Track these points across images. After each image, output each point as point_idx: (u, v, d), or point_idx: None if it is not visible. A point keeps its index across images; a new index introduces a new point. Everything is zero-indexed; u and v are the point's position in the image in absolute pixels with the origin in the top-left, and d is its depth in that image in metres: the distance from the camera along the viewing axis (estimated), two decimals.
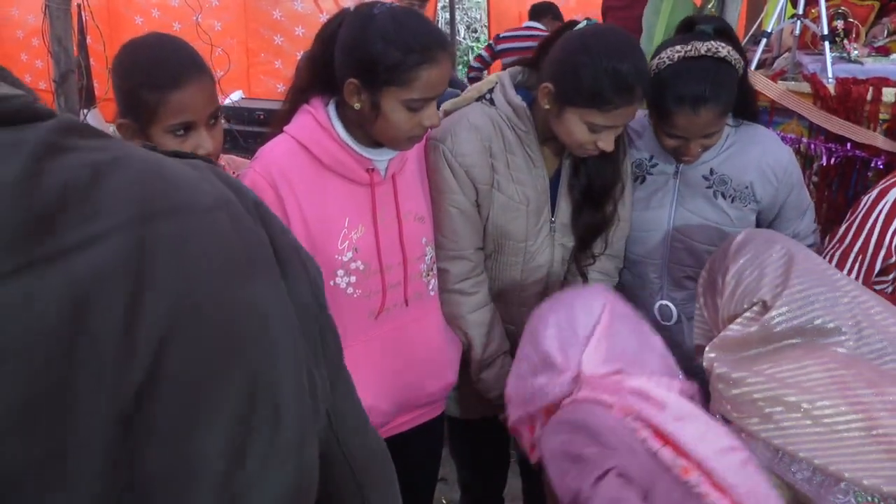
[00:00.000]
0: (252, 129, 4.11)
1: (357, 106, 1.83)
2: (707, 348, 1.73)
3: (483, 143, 2.09)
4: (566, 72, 1.97)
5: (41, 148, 0.62)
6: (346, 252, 1.95)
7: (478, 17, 11.26)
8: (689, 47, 2.08)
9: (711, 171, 2.29)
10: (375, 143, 1.96)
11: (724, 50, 2.08)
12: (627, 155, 2.28)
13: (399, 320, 2.09)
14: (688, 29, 2.21)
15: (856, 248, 2.27)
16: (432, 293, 2.17)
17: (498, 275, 2.25)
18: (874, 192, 2.31)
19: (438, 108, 1.95)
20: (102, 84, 5.90)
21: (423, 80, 1.78)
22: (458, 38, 9.64)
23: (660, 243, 2.33)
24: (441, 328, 2.22)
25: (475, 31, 11.27)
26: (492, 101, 2.14)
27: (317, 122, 1.91)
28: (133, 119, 1.80)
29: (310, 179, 1.92)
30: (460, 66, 9.95)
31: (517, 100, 2.10)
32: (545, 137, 2.14)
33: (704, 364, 1.72)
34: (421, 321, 2.14)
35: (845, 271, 2.28)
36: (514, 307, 2.27)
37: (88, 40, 4.63)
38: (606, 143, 1.99)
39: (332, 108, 1.94)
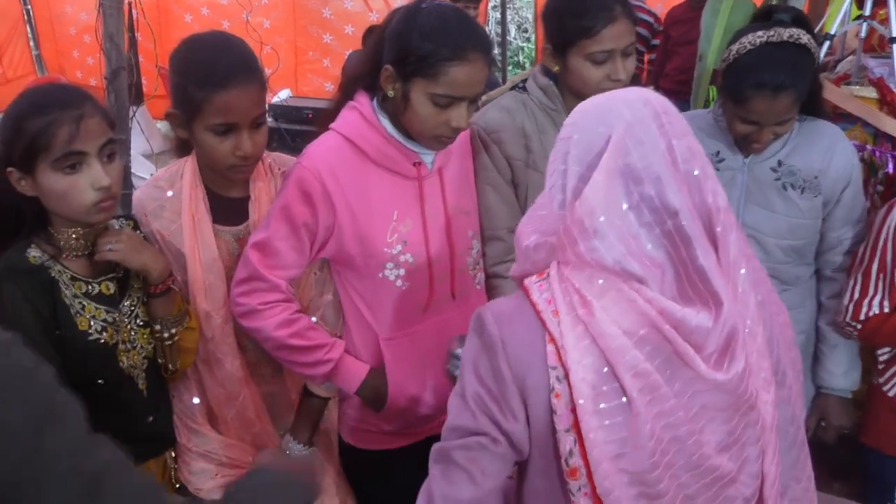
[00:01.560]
0: (300, 128, 4.09)
1: (391, 94, 1.86)
2: None
3: (515, 123, 2.14)
4: (551, 23, 2.09)
5: None
6: (395, 245, 1.96)
7: (528, 16, 11.17)
8: (772, 33, 2.09)
9: (780, 163, 2.26)
10: None
11: (805, 37, 2.10)
12: None
13: (445, 314, 2.07)
14: (765, 18, 2.21)
15: (875, 267, 2.23)
16: (478, 287, 2.16)
17: None
18: (883, 209, 2.27)
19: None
20: (151, 81, 5.95)
21: (450, 76, 1.79)
22: (508, 37, 9.58)
23: None
24: None
25: (525, 31, 11.18)
26: (524, 89, 2.21)
27: (363, 117, 1.93)
28: (181, 111, 1.84)
29: (357, 174, 1.93)
30: (510, 67, 9.89)
31: (545, 80, 2.17)
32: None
33: None
34: (467, 315, 2.07)
35: (870, 291, 2.24)
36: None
37: (138, 37, 4.66)
38: (615, 70, 2.03)
39: (377, 103, 1.95)
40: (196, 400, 1.99)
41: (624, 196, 1.20)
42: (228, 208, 1.96)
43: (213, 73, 1.77)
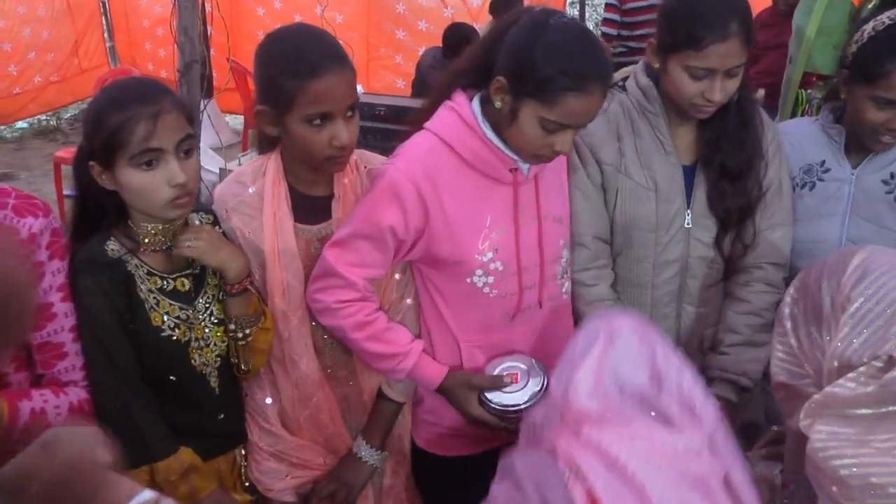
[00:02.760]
0: (372, 125, 4.05)
1: (498, 105, 1.80)
2: (803, 412, 1.32)
3: (610, 124, 2.09)
4: (663, 20, 2.01)
5: None
6: (486, 252, 1.92)
7: None
8: None
9: (892, 175, 2.12)
10: None
11: None
12: (778, 156, 2.15)
13: (533, 323, 2.04)
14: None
15: None
16: (565, 296, 2.12)
17: (628, 274, 2.17)
18: None
19: None
20: (221, 74, 6.00)
21: (566, 105, 1.72)
22: None
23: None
24: (572, 332, 2.13)
25: None
26: (624, 88, 2.14)
27: (461, 119, 1.88)
28: (271, 106, 1.80)
29: (453, 178, 1.89)
30: None
31: (645, 80, 2.10)
32: (678, 124, 2.10)
33: (801, 427, 1.31)
34: (553, 324, 2.09)
35: None
36: (645, 309, 2.18)
37: (210, 31, 4.68)
38: (712, 90, 1.94)
39: (476, 105, 1.89)
40: (269, 400, 1.98)
41: None
42: (311, 207, 1.93)
43: (304, 62, 1.74)
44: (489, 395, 1.94)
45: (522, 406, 1.88)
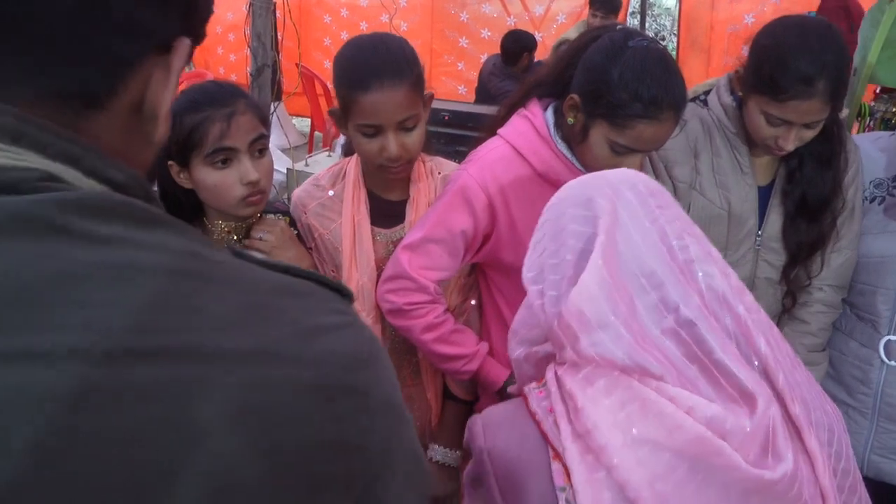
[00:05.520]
0: (437, 130, 4.12)
1: (570, 121, 1.81)
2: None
3: (689, 140, 2.06)
4: (752, 56, 1.94)
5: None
6: None
7: (666, 24, 11.03)
8: None
9: None
10: None
11: None
12: (856, 181, 2.10)
13: None
14: None
15: None
16: None
17: None
18: None
19: None
20: (289, 79, 6.14)
21: (636, 131, 1.71)
22: None
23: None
24: None
25: (662, 39, 11.05)
26: (705, 103, 2.11)
27: (534, 130, 1.88)
28: (340, 109, 1.84)
29: (522, 186, 1.89)
30: None
31: (728, 99, 2.05)
32: (757, 144, 2.05)
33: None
34: None
35: None
36: None
37: (280, 37, 4.81)
38: (785, 140, 1.89)
39: (550, 115, 1.89)
40: None
41: (623, 286, 1.08)
42: (387, 211, 1.97)
43: (359, 75, 1.76)
44: None
45: None
